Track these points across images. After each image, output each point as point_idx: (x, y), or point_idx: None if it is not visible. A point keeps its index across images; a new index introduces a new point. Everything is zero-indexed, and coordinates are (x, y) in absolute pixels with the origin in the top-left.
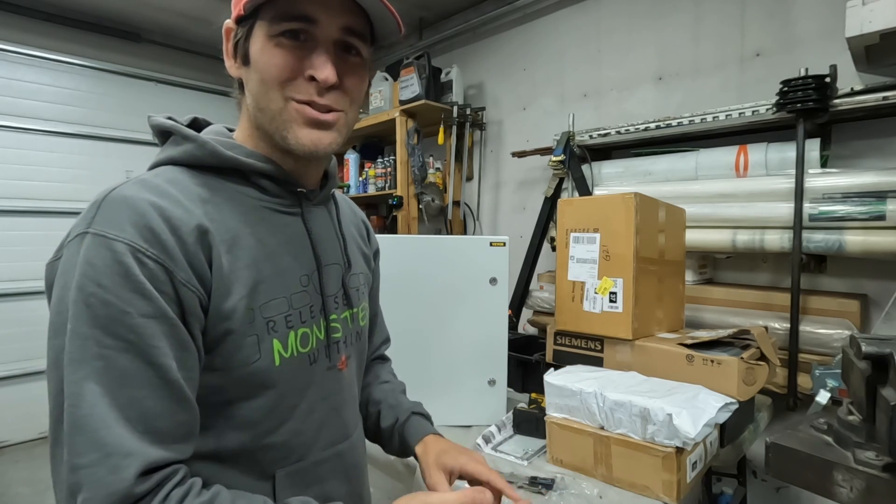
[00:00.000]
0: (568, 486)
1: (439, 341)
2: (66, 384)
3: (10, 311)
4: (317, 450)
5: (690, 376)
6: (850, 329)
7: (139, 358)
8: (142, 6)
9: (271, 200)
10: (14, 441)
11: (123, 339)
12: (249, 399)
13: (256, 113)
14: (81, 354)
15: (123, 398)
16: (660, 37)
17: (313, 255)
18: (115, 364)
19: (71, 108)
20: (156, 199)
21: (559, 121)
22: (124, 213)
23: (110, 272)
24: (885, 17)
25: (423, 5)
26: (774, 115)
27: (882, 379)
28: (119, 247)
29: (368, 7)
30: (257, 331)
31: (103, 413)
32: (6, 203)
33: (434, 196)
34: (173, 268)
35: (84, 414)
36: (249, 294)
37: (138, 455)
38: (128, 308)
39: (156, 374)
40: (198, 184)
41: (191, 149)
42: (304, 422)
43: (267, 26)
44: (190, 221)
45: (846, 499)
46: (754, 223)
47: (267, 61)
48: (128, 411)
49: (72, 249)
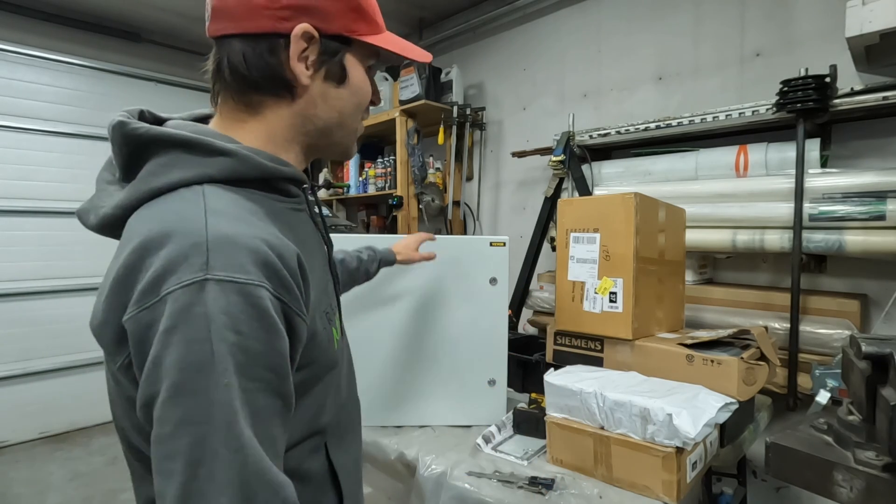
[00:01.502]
0: (568, 486)
1: (439, 341)
2: (226, 442)
3: (10, 311)
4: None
5: (690, 376)
6: (850, 329)
7: (274, 393)
8: (142, 6)
9: (291, 201)
10: (14, 441)
11: (261, 380)
12: (319, 384)
13: (330, 127)
14: (236, 406)
15: (265, 434)
16: (660, 37)
17: (325, 244)
18: (258, 404)
19: (71, 108)
20: (252, 230)
21: (559, 121)
22: (241, 253)
23: (249, 317)
24: (885, 17)
25: (423, 5)
26: (774, 115)
27: (882, 379)
28: (252, 290)
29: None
30: (325, 324)
31: (262, 456)
32: (6, 203)
33: (434, 196)
34: (289, 301)
35: (251, 461)
36: (314, 294)
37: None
38: (267, 350)
39: (284, 404)
40: (246, 199)
41: (231, 164)
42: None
43: (365, 55)
44: (288, 249)
45: (846, 499)
46: (754, 223)
47: (366, 87)
48: (268, 443)
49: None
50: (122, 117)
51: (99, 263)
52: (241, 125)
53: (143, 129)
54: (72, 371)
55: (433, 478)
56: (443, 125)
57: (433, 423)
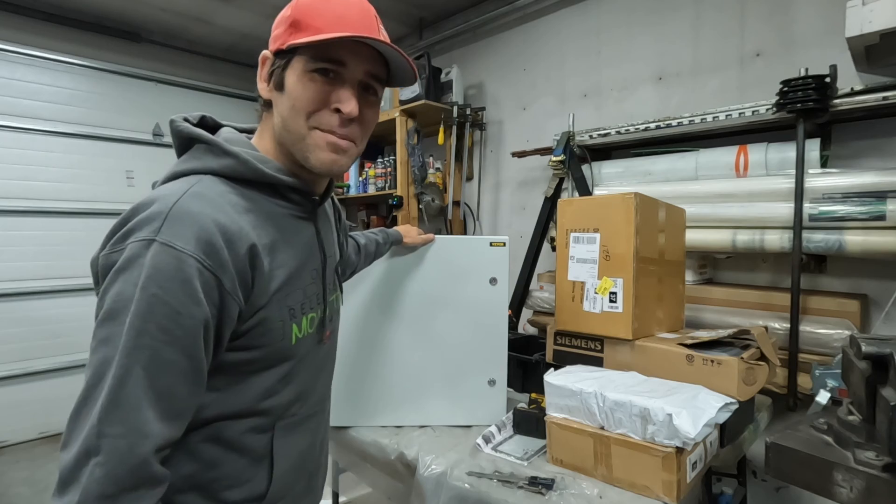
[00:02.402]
0: (568, 486)
1: (439, 341)
2: (117, 364)
3: (10, 311)
4: (308, 406)
5: (690, 376)
6: (850, 329)
7: (182, 352)
8: (142, 6)
9: (294, 208)
10: (14, 441)
11: (171, 335)
12: (269, 369)
13: (283, 132)
14: (136, 343)
15: (162, 384)
16: (660, 37)
17: (321, 252)
18: (161, 355)
19: (71, 108)
20: (215, 214)
21: (559, 121)
22: (190, 227)
23: (172, 278)
24: (885, 17)
25: (423, 5)
26: (774, 115)
27: (882, 379)
28: (185, 259)
29: (390, 58)
30: (283, 317)
31: (140, 396)
32: (6, 203)
33: (434, 196)
34: (223, 278)
35: (125, 393)
36: (280, 288)
37: (155, 437)
38: (181, 310)
39: (191, 366)
40: (239, 195)
41: (233, 164)
42: (304, 384)
43: (304, 62)
44: (242, 237)
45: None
46: (754, 223)
47: (301, 92)
48: (161, 395)
49: (136, 251)
50: (175, 117)
51: None
52: (260, 135)
53: (183, 126)
54: (72, 371)
55: (433, 478)
56: (443, 125)
57: (433, 423)
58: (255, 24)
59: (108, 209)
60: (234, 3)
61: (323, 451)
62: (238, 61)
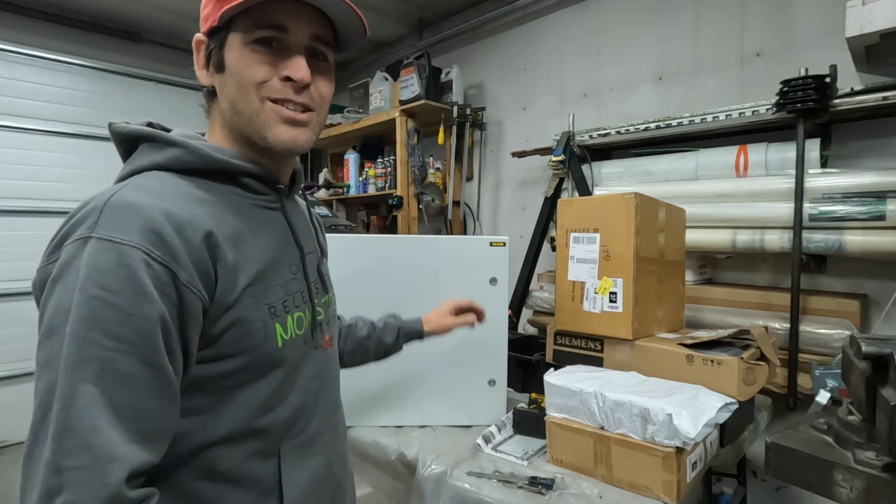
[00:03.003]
0: (568, 486)
1: (439, 341)
2: (60, 385)
3: (10, 311)
4: (315, 421)
5: (690, 376)
6: (850, 329)
7: (140, 360)
8: (142, 6)
9: (257, 198)
10: (14, 441)
11: (126, 342)
12: (258, 380)
13: (233, 116)
14: (80, 356)
15: (121, 399)
16: (660, 37)
17: (296, 246)
18: (115, 366)
19: (71, 108)
20: (160, 202)
21: (559, 121)
22: (131, 217)
23: (116, 275)
24: (885, 17)
25: (423, 5)
26: (774, 115)
27: (882, 379)
28: (126, 250)
29: (334, 16)
30: (262, 316)
31: (96, 415)
32: (6, 203)
33: (434, 196)
34: (178, 270)
35: (76, 416)
36: (253, 283)
37: (125, 461)
38: (132, 311)
39: (154, 375)
40: (192, 186)
41: (179, 154)
42: (305, 396)
43: (241, 35)
44: (195, 223)
45: (846, 499)
46: (754, 223)
47: (244, 66)
48: (124, 412)
49: (70, 253)
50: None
51: None
52: (210, 129)
53: (122, 126)
54: None
55: (433, 478)
56: (443, 125)
57: (433, 423)
58: None
59: None
60: None
61: (345, 471)
62: None
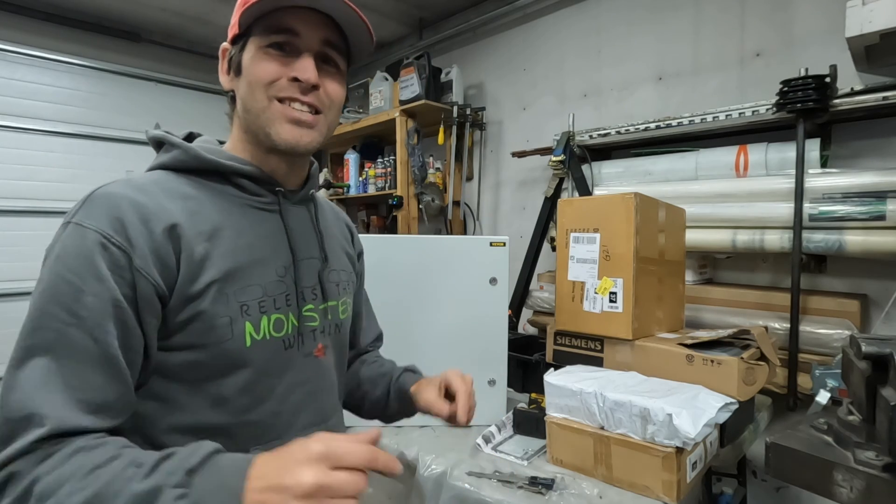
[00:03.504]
0: (568, 486)
1: (439, 341)
2: (16, 349)
3: (11, 311)
4: (294, 431)
5: (690, 376)
6: (850, 329)
7: (86, 333)
8: (142, 6)
9: (251, 198)
10: None
11: (76, 315)
12: (224, 377)
13: (244, 115)
14: (38, 324)
15: (66, 368)
16: (660, 37)
17: (289, 249)
18: (65, 336)
19: (71, 108)
20: (134, 195)
21: (559, 121)
22: (103, 206)
23: (76, 255)
24: (885, 17)
25: (423, 5)
26: (774, 115)
27: (882, 379)
28: (89, 234)
29: (343, 22)
30: (230, 313)
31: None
32: (6, 203)
33: (434, 196)
34: (133, 256)
35: (23, 376)
36: (223, 279)
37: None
38: (84, 287)
39: (98, 350)
40: (182, 183)
41: (177, 154)
42: (282, 403)
43: (258, 40)
44: (162, 216)
45: (846, 499)
46: (754, 223)
47: (256, 66)
48: (68, 380)
49: (56, 236)
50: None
51: None
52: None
53: (152, 132)
54: None
55: (433, 478)
56: (443, 125)
57: (433, 423)
58: None
59: None
60: (234, 4)
61: None
62: None
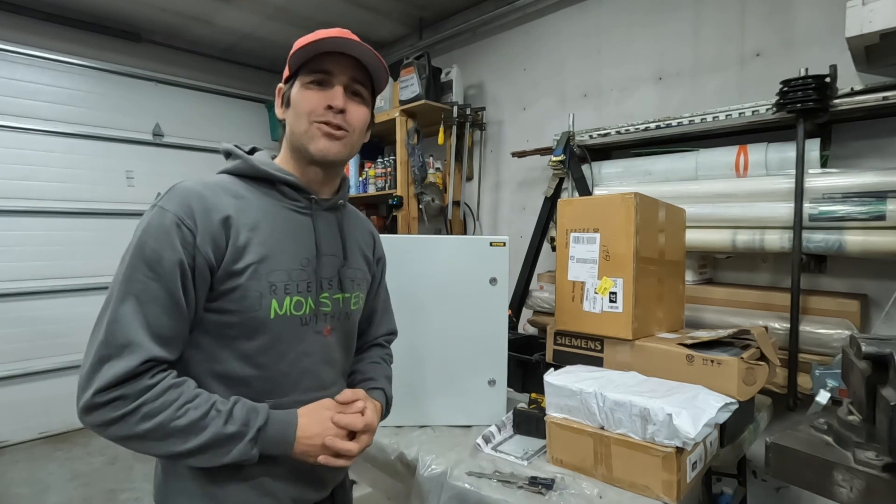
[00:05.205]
0: (568, 486)
1: (439, 341)
2: (115, 294)
3: (10, 311)
4: (297, 392)
5: (690, 376)
6: (850, 329)
7: (163, 287)
8: (142, 6)
9: (290, 202)
10: (14, 441)
11: (156, 273)
12: (250, 339)
13: (290, 136)
14: (130, 276)
15: (149, 310)
16: (660, 37)
17: (315, 245)
18: (147, 287)
19: (71, 108)
20: (202, 190)
21: (559, 121)
22: (180, 196)
23: (158, 230)
24: (885, 17)
25: (423, 5)
26: (774, 115)
27: (882, 379)
28: (168, 216)
29: (367, 62)
30: (261, 289)
31: (132, 316)
32: (6, 203)
33: (434, 196)
34: (197, 235)
35: (121, 314)
36: (259, 262)
37: (146, 349)
38: (162, 254)
39: (170, 299)
40: (238, 185)
41: (239, 163)
42: (291, 367)
43: (302, 79)
44: (220, 208)
45: (846, 499)
46: (754, 223)
47: (301, 100)
48: (151, 319)
49: (146, 215)
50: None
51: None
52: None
53: (223, 145)
54: (72, 371)
55: (433, 478)
56: (443, 125)
57: (433, 423)
58: (255, 25)
59: (108, 209)
60: (234, 4)
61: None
62: (238, 61)
